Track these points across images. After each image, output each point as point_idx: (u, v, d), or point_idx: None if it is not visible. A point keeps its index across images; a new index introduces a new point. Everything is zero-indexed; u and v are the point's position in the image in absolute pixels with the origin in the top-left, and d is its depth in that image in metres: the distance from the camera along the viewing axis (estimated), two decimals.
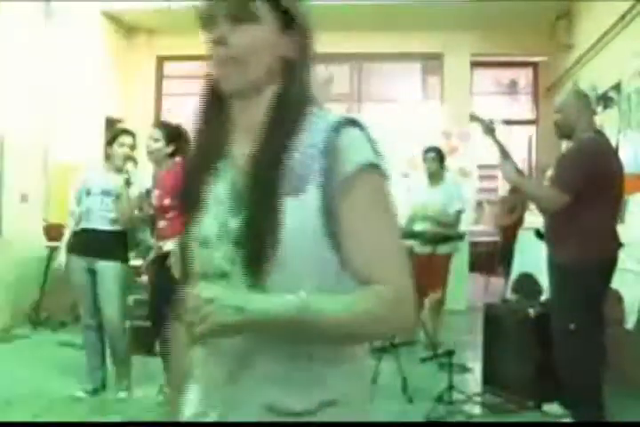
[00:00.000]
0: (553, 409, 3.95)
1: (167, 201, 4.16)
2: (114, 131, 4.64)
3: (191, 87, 9.82)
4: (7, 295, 6.42)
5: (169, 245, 4.12)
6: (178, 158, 4.31)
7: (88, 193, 4.31)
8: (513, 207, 9.40)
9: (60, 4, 7.22)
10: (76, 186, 4.41)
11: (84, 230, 4.31)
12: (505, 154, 3.91)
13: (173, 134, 4.24)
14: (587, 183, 3.37)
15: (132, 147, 4.35)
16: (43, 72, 7.04)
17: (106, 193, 4.28)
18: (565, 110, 3.67)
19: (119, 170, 4.27)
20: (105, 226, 4.26)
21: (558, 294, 3.63)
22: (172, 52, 9.25)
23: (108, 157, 4.41)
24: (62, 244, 4.49)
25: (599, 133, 3.74)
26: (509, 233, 9.14)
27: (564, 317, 3.50)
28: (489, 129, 3.96)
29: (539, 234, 3.98)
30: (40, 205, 7.08)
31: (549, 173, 6.33)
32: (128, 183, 4.20)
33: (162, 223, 4.24)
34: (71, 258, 4.32)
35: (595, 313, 3.45)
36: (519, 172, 3.88)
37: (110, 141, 4.37)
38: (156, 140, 4.20)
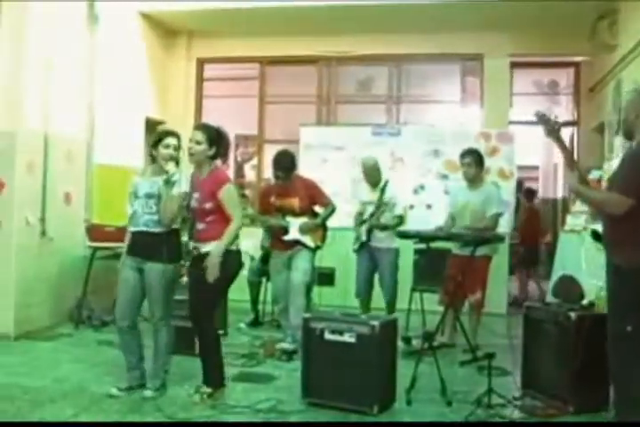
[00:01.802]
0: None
1: (208, 205, 4.20)
2: (158, 133, 4.60)
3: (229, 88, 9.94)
4: (50, 294, 6.54)
5: (207, 248, 4.17)
6: (218, 161, 4.33)
7: (136, 196, 4.36)
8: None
9: (102, 8, 7.34)
10: (129, 190, 4.46)
11: (133, 233, 4.38)
12: (569, 158, 3.78)
13: (215, 137, 4.26)
14: None
15: (177, 148, 4.33)
16: (86, 73, 7.17)
17: (149, 196, 4.31)
18: (626, 109, 3.57)
19: (162, 171, 4.26)
20: (150, 228, 4.30)
21: (616, 297, 3.54)
22: (212, 53, 9.34)
23: (153, 160, 4.42)
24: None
25: None
26: (533, 236, 9.33)
27: (622, 319, 3.43)
28: (553, 130, 3.79)
29: (596, 236, 3.84)
30: (82, 206, 7.17)
31: (592, 175, 6.21)
32: (168, 183, 4.19)
33: (200, 226, 4.28)
34: (126, 257, 4.41)
35: None
36: (584, 180, 3.71)
37: (155, 143, 4.35)
38: (199, 143, 4.21)
